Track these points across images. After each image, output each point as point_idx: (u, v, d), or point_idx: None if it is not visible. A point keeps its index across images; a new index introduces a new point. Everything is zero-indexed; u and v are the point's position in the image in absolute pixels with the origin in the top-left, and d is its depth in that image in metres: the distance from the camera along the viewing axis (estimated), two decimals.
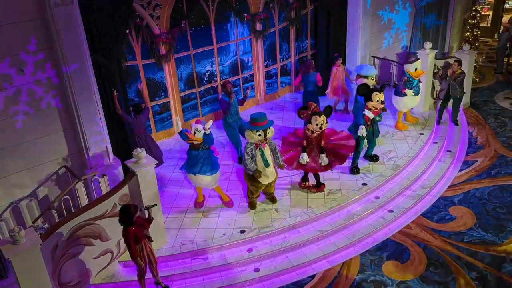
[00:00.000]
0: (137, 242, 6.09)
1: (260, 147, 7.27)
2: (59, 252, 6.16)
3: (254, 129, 7.14)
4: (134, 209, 6.02)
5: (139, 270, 6.34)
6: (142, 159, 6.74)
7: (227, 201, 8.03)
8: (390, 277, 6.92)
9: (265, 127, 7.14)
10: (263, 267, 7.10)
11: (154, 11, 9.30)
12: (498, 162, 9.59)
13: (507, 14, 17.44)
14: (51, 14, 6.66)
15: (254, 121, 7.18)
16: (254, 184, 7.57)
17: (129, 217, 5.97)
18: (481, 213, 8.15)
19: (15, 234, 5.32)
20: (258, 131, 7.12)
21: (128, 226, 5.99)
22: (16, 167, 7.17)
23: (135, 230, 6.03)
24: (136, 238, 6.06)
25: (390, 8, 11.89)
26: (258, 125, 7.13)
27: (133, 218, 6.00)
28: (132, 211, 5.99)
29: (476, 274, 6.90)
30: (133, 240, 6.03)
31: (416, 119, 10.51)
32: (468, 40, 13.18)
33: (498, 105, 12.13)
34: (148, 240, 6.25)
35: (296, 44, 12.00)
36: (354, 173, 8.66)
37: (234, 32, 10.69)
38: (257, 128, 7.13)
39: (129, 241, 6.02)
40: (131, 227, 6.00)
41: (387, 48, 12.30)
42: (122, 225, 6.04)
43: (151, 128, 10.15)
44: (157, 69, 9.83)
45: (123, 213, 6.00)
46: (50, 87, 7.14)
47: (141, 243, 6.14)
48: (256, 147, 7.27)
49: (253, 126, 7.18)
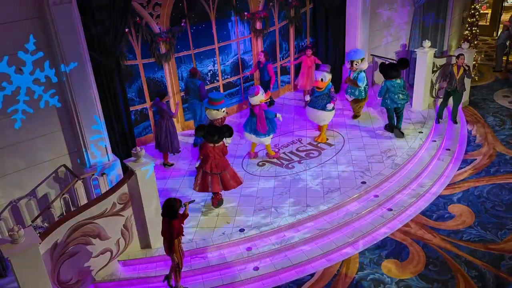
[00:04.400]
0: (177, 236, 6.12)
1: None
2: (58, 251, 6.16)
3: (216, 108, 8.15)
4: (179, 203, 6.05)
5: (174, 265, 6.35)
6: (141, 158, 6.74)
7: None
8: (389, 276, 6.93)
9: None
10: (263, 265, 7.11)
11: (153, 10, 9.30)
12: (497, 160, 9.60)
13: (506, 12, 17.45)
14: (49, 13, 6.66)
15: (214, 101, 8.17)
16: None
17: (174, 210, 6.00)
18: (480, 211, 8.16)
19: (14, 233, 5.33)
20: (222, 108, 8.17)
21: (172, 219, 6.01)
22: (15, 166, 7.17)
23: (179, 224, 6.06)
24: (178, 232, 6.09)
25: (389, 6, 11.90)
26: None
27: (177, 211, 6.03)
28: (177, 204, 6.02)
29: (475, 272, 6.91)
30: (176, 234, 6.05)
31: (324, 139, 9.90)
32: (467, 38, 13.17)
33: (497, 103, 12.14)
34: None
35: (296, 42, 12.00)
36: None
37: (235, 31, 10.69)
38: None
39: (172, 235, 6.05)
40: (176, 220, 6.03)
41: (386, 46, 12.30)
42: (168, 218, 6.03)
43: (151, 127, 10.16)
44: (157, 68, 9.82)
45: (168, 206, 6.02)
46: (49, 86, 7.14)
47: (179, 237, 6.17)
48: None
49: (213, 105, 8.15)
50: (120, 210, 6.70)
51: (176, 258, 6.23)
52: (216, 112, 8.26)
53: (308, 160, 9.23)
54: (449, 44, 13.30)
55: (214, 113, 8.26)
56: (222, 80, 10.87)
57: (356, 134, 10.08)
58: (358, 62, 10.14)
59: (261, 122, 8.77)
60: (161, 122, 8.94)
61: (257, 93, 8.59)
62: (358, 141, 9.82)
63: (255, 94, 8.60)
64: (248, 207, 7.97)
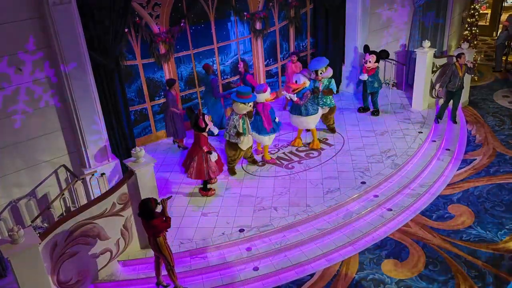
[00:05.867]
0: (160, 234, 6.11)
1: (243, 116, 8.32)
2: (58, 251, 6.16)
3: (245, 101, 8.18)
4: (154, 202, 6.05)
5: (166, 265, 6.36)
6: (140, 158, 6.74)
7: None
8: (389, 276, 6.93)
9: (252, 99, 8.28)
10: (262, 265, 7.10)
11: (153, 10, 9.30)
12: (497, 160, 9.60)
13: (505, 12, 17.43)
14: (49, 13, 6.66)
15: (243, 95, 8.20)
16: (234, 152, 8.55)
17: (149, 210, 6.00)
18: (480, 211, 8.16)
19: (14, 233, 5.32)
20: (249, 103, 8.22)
21: (150, 219, 6.01)
22: (15, 167, 7.17)
23: (159, 222, 6.05)
24: (161, 230, 6.09)
25: (388, 6, 11.90)
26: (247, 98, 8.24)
27: (153, 211, 6.02)
28: (152, 204, 6.02)
29: (475, 272, 6.91)
30: (158, 232, 6.05)
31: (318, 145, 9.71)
32: (467, 38, 13.18)
33: (496, 103, 12.14)
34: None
35: (296, 43, 11.99)
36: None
37: (234, 31, 10.69)
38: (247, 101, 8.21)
39: (155, 234, 6.06)
40: (155, 219, 6.02)
41: (386, 46, 12.29)
42: (145, 219, 6.05)
43: (151, 127, 10.16)
44: (157, 68, 9.82)
45: (142, 206, 6.02)
46: (48, 86, 7.14)
47: (161, 235, 6.16)
48: (239, 118, 8.30)
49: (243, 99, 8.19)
50: (120, 210, 6.70)
51: (165, 255, 6.23)
52: (243, 106, 8.24)
53: (308, 160, 9.23)
54: (449, 44, 13.29)
55: (241, 106, 8.24)
56: (222, 80, 10.86)
57: (356, 134, 10.08)
58: (323, 71, 9.57)
59: (266, 119, 8.76)
60: (167, 110, 9.52)
61: (265, 91, 8.62)
62: (358, 141, 9.82)
63: (263, 91, 8.62)
64: (248, 207, 7.97)
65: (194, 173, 8.01)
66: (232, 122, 8.30)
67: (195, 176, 8.03)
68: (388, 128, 10.24)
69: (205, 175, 8.02)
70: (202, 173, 7.99)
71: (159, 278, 6.64)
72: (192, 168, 8.00)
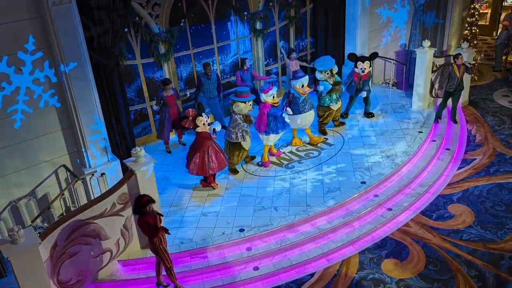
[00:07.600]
0: (155, 234, 6.10)
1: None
2: (58, 251, 6.15)
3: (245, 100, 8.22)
4: (146, 201, 6.04)
5: (165, 265, 6.36)
6: (140, 158, 6.74)
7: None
8: (389, 275, 6.93)
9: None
10: (262, 265, 7.10)
11: (153, 10, 9.30)
12: (497, 160, 9.59)
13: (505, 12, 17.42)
14: (49, 13, 6.66)
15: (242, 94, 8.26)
16: (238, 152, 8.56)
17: (138, 205, 6.04)
18: (480, 211, 8.16)
19: (14, 233, 5.32)
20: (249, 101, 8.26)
21: (143, 215, 6.03)
22: (15, 167, 7.17)
23: (151, 219, 6.04)
24: (154, 229, 6.07)
25: (388, 6, 11.90)
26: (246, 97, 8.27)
27: (142, 206, 6.03)
28: (142, 199, 6.04)
29: (475, 271, 6.91)
30: (151, 231, 6.06)
31: (320, 139, 9.87)
32: (467, 38, 13.17)
33: (496, 103, 12.14)
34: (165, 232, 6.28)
35: (296, 42, 11.99)
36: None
37: (234, 31, 10.68)
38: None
39: (148, 232, 6.09)
40: (147, 216, 6.03)
41: (385, 46, 12.29)
42: (138, 215, 6.14)
43: (151, 127, 10.16)
44: (157, 68, 9.82)
45: (135, 201, 6.12)
46: (48, 86, 7.14)
47: (157, 236, 6.15)
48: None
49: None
50: (120, 210, 6.70)
51: (161, 256, 6.24)
52: (244, 105, 8.27)
53: (308, 160, 9.23)
54: (449, 44, 13.29)
55: (242, 106, 8.28)
56: (222, 80, 10.86)
57: (356, 134, 10.09)
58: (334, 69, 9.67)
59: (261, 120, 8.76)
60: (162, 108, 9.44)
61: (265, 92, 8.63)
62: (358, 141, 9.82)
63: (263, 92, 8.65)
64: (248, 207, 7.97)
65: (196, 169, 8.12)
66: (236, 122, 8.33)
67: (196, 172, 8.16)
68: (388, 128, 10.24)
69: (206, 171, 8.14)
70: (204, 169, 8.12)
71: (159, 278, 6.64)
72: (194, 164, 8.08)
